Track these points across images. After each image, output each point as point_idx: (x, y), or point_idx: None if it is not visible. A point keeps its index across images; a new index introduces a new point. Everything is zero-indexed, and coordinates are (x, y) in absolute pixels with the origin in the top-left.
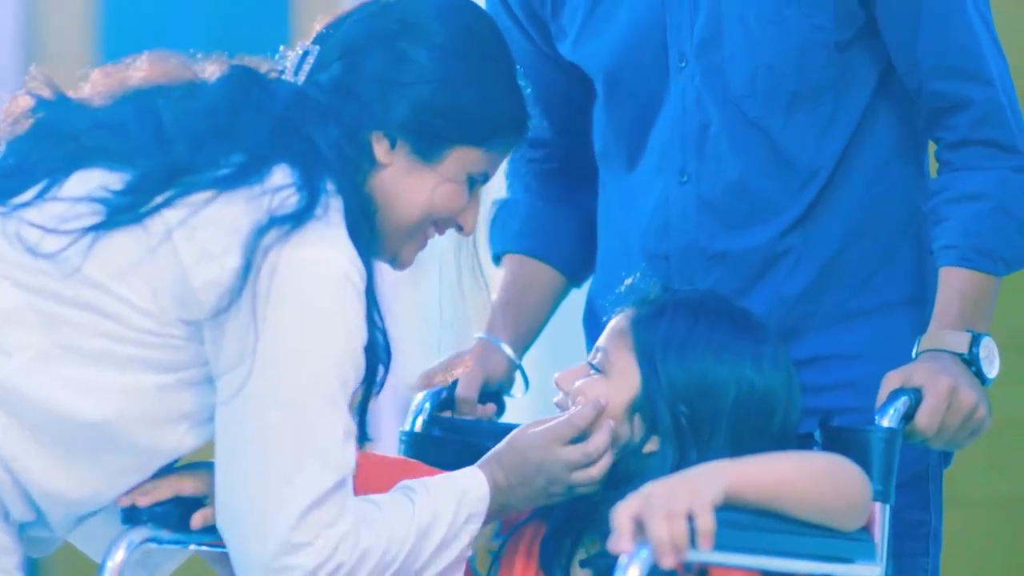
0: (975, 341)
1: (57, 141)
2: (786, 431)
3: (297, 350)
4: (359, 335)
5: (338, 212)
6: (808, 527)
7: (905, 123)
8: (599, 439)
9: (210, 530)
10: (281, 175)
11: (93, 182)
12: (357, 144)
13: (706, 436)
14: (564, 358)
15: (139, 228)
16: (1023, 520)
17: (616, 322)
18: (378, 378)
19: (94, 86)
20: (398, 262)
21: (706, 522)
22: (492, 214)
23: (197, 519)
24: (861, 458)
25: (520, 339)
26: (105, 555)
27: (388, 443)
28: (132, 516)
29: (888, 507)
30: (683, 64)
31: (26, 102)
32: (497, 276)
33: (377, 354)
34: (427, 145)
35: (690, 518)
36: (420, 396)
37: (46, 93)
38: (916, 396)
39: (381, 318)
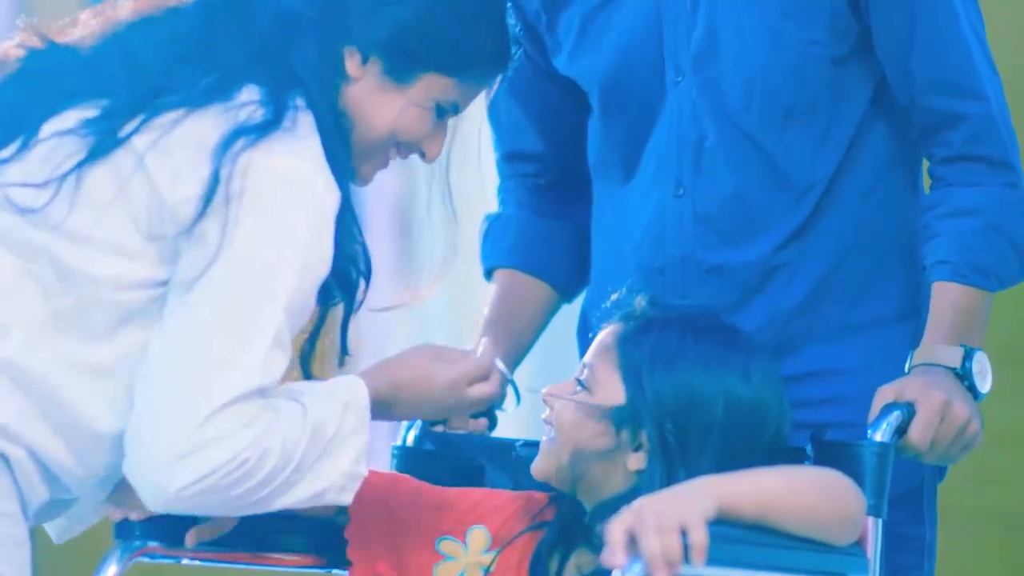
0: (968, 356)
1: (38, 86)
2: (777, 445)
3: (258, 251)
4: (320, 254)
5: (309, 126)
6: (801, 541)
7: (899, 137)
8: (484, 357)
9: (203, 545)
10: (248, 93)
11: (70, 120)
12: (332, 58)
13: (694, 452)
14: (557, 371)
15: (112, 167)
16: (1016, 533)
17: (602, 337)
18: (358, 293)
19: (83, 28)
20: (357, 178)
21: (699, 536)
22: (483, 229)
23: (191, 538)
24: (854, 472)
25: (511, 354)
26: (97, 570)
27: (383, 458)
28: (124, 530)
29: (880, 521)
30: (679, 78)
31: (16, 53)
32: (488, 291)
33: (357, 268)
34: (400, 66)
35: (683, 532)
36: None
37: (35, 43)
38: (909, 410)
39: (360, 231)
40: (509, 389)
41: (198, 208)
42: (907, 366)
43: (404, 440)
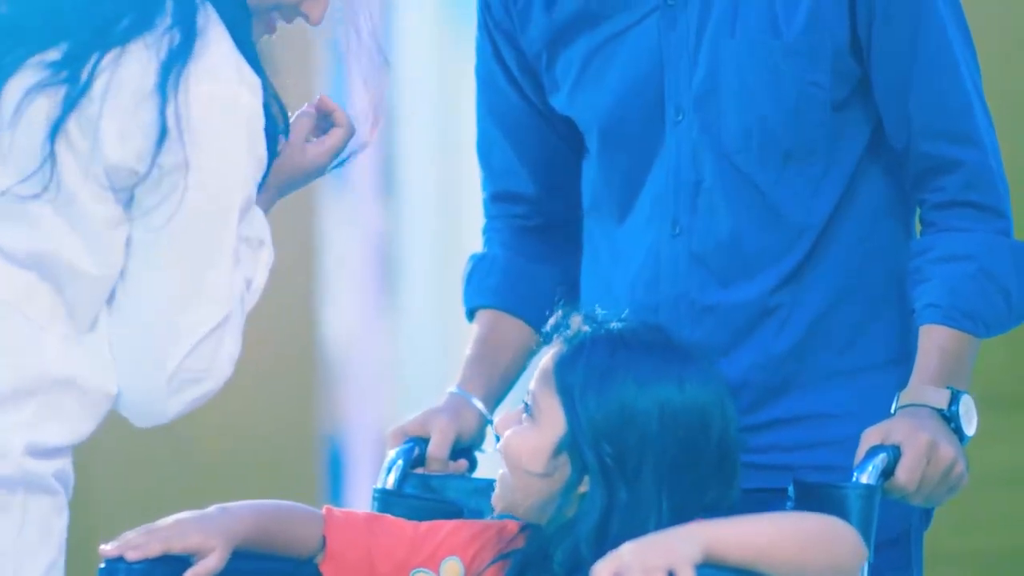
0: (955, 398)
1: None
2: (725, 449)
3: (210, 184)
4: (258, 159)
5: (216, 25)
6: None
7: (894, 183)
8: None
9: None
10: (162, 18)
11: (35, 72)
12: None
13: (633, 470)
14: None
15: (78, 118)
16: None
17: (543, 362)
18: (279, 148)
19: None
20: None
21: None
22: (467, 269)
23: None
24: (839, 515)
25: (492, 395)
26: None
27: (365, 498)
28: (111, 571)
29: (867, 565)
30: (680, 117)
31: None
32: (470, 331)
33: (275, 124)
34: None
35: (671, 574)
36: (393, 452)
37: None
38: (895, 453)
39: (270, 84)
40: (489, 429)
41: (149, 158)
42: (893, 407)
43: (384, 482)
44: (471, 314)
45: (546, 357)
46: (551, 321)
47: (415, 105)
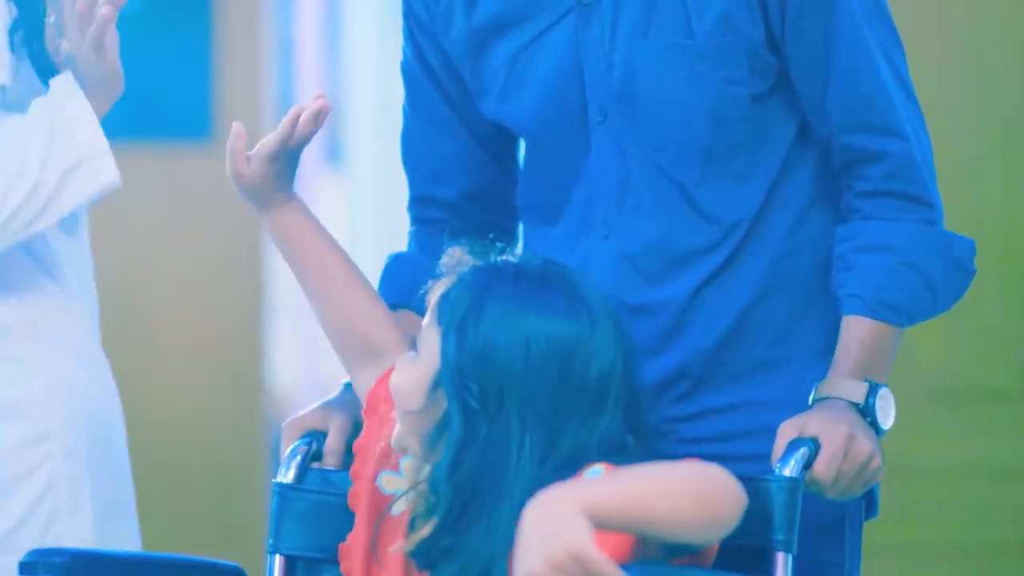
0: (872, 391)
1: None
2: (606, 382)
3: None
4: None
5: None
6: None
7: (824, 173)
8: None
9: None
10: None
11: None
12: None
13: (495, 405)
14: None
15: None
16: (940, 570)
17: (429, 297)
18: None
19: None
20: None
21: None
22: (384, 267)
23: None
24: (762, 508)
25: None
26: None
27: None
28: (30, 569)
29: (791, 557)
30: (602, 118)
31: None
32: None
33: None
34: None
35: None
36: (290, 447)
37: None
38: (815, 446)
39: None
40: None
41: None
42: (811, 398)
43: (285, 477)
44: None
45: (433, 291)
46: (445, 260)
47: (362, 87)
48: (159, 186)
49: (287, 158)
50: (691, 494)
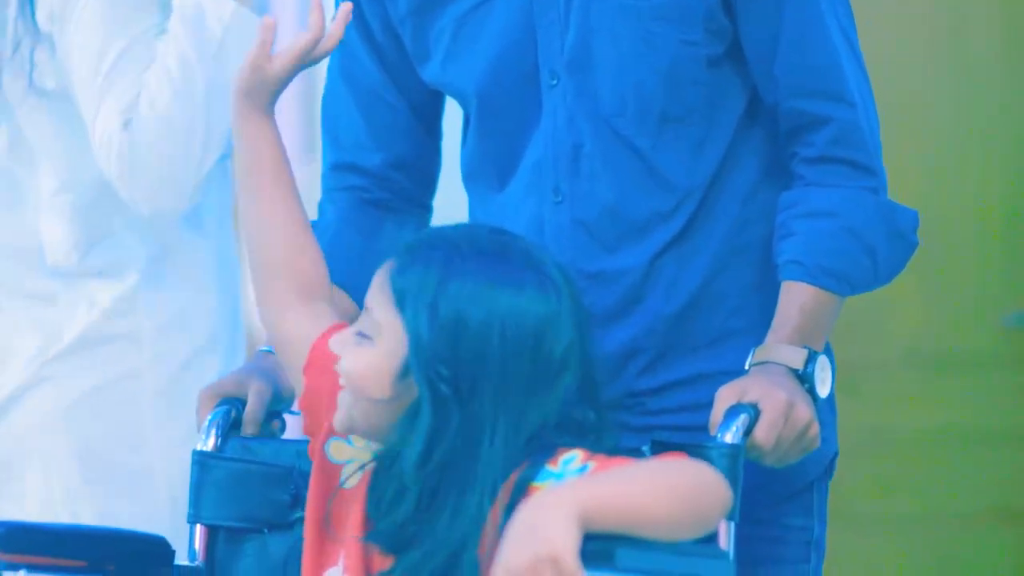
0: (811, 358)
1: None
2: (567, 357)
3: None
4: None
5: None
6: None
7: (775, 145)
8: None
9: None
10: None
11: None
12: None
13: (468, 391)
14: None
15: None
16: (916, 538)
17: (377, 274)
18: None
19: None
20: None
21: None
22: None
23: None
24: None
25: None
26: None
27: None
28: None
29: (733, 524)
30: (555, 82)
31: None
32: None
33: None
34: None
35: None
36: (209, 415)
37: None
38: (755, 412)
39: None
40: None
41: None
42: (748, 363)
43: (205, 445)
44: None
45: (381, 269)
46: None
47: None
48: None
49: (302, 66)
50: (683, 497)
